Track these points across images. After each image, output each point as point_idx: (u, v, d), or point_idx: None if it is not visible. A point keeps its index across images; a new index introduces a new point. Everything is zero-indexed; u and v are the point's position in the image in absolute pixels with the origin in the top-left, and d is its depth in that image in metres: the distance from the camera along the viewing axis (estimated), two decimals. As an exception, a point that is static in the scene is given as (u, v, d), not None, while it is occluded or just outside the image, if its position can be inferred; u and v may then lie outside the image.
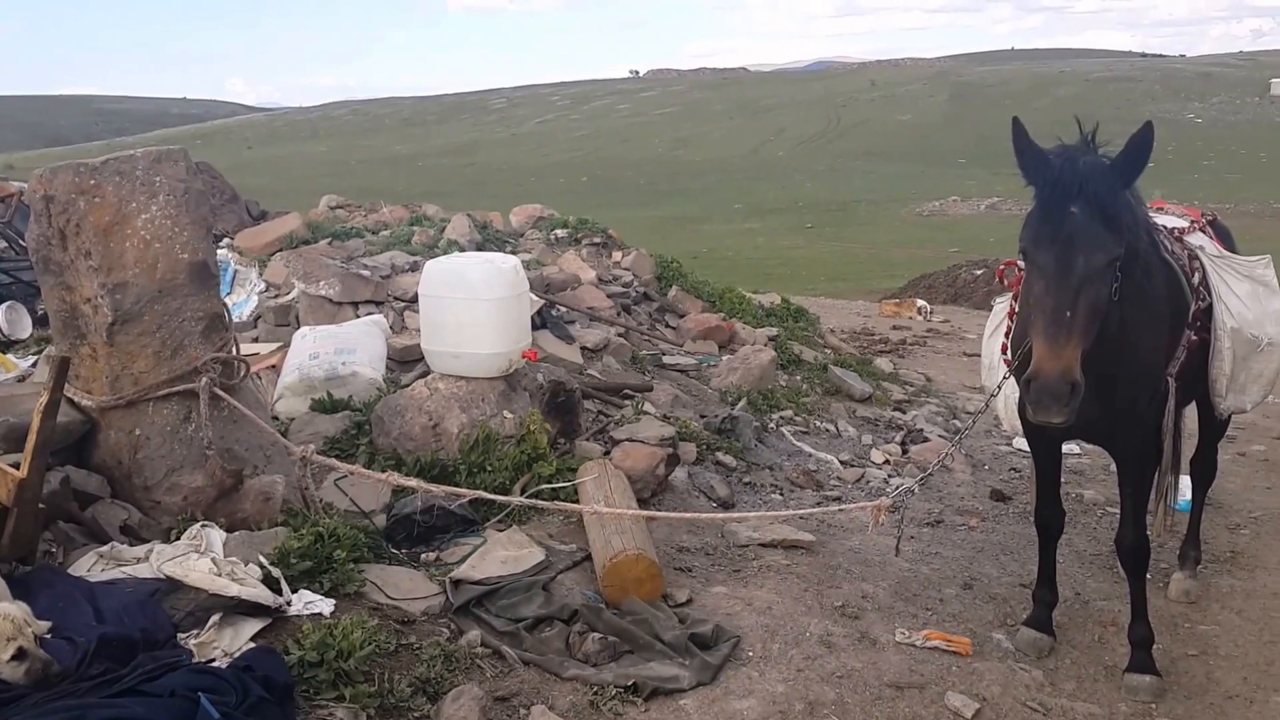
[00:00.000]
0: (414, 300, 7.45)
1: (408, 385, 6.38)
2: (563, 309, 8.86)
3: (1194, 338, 4.76)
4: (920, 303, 19.76)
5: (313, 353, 6.87)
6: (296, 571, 4.27)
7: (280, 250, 9.68)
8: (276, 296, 8.84)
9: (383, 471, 5.10)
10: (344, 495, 5.43)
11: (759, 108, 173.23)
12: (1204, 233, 5.34)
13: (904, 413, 9.55)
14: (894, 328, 16.54)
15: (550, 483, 5.59)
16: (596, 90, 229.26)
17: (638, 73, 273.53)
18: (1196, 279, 4.85)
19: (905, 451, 8.22)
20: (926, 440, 8.45)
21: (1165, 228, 4.92)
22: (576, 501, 5.39)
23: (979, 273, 26.55)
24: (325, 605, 4.16)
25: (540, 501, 4.94)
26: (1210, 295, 4.89)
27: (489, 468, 5.66)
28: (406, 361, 7.28)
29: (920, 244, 60.62)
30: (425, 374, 6.38)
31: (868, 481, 7.40)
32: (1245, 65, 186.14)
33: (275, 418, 6.30)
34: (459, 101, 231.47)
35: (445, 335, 5.94)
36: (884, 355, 12.86)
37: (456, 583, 4.73)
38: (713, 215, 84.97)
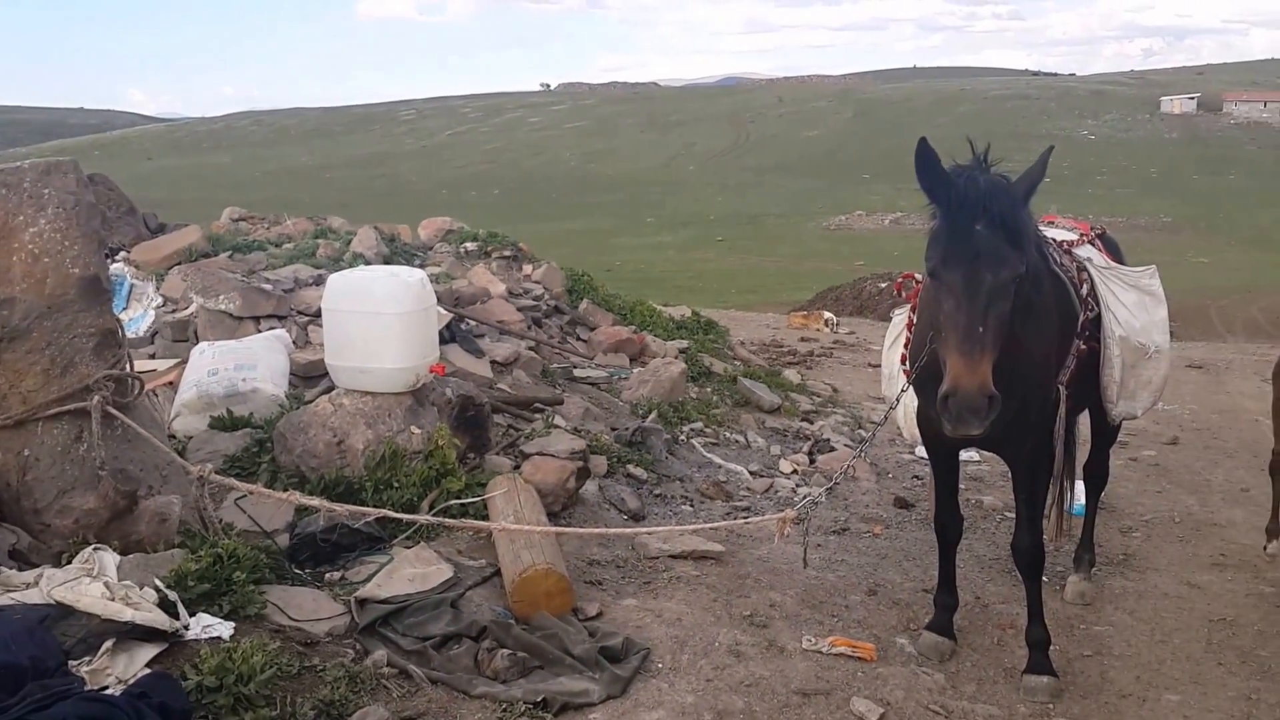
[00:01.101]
0: (318, 315, 7.33)
1: (311, 401, 6.27)
2: (472, 323, 8.80)
3: (1084, 346, 4.93)
4: (827, 315, 20.09)
5: (212, 369, 6.72)
6: (194, 594, 4.16)
7: (179, 264, 9.45)
8: (174, 311, 8.63)
9: (285, 490, 5.01)
10: (245, 515, 5.30)
11: (669, 122, 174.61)
12: (1093, 245, 5.53)
13: (811, 423, 9.69)
14: (802, 339, 16.76)
15: (459, 498, 5.54)
16: (508, 102, 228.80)
17: (549, 85, 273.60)
18: (1085, 290, 5.02)
19: (812, 461, 8.34)
20: (833, 450, 8.59)
21: (1054, 241, 5.09)
22: (486, 517, 5.35)
23: (884, 285, 27.15)
24: (225, 628, 4.06)
25: (448, 519, 4.90)
26: (1099, 305, 5.07)
27: (396, 485, 5.59)
28: (310, 377, 7.17)
29: (827, 257, 61.74)
30: (330, 390, 6.28)
31: (776, 491, 7.48)
32: (1136, 84, 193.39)
33: (172, 436, 6.15)
34: (367, 113, 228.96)
35: (350, 350, 5.86)
36: (792, 367, 13.02)
37: (362, 602, 4.66)
38: (625, 229, 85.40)
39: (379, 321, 5.71)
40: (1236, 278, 51.35)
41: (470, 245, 11.73)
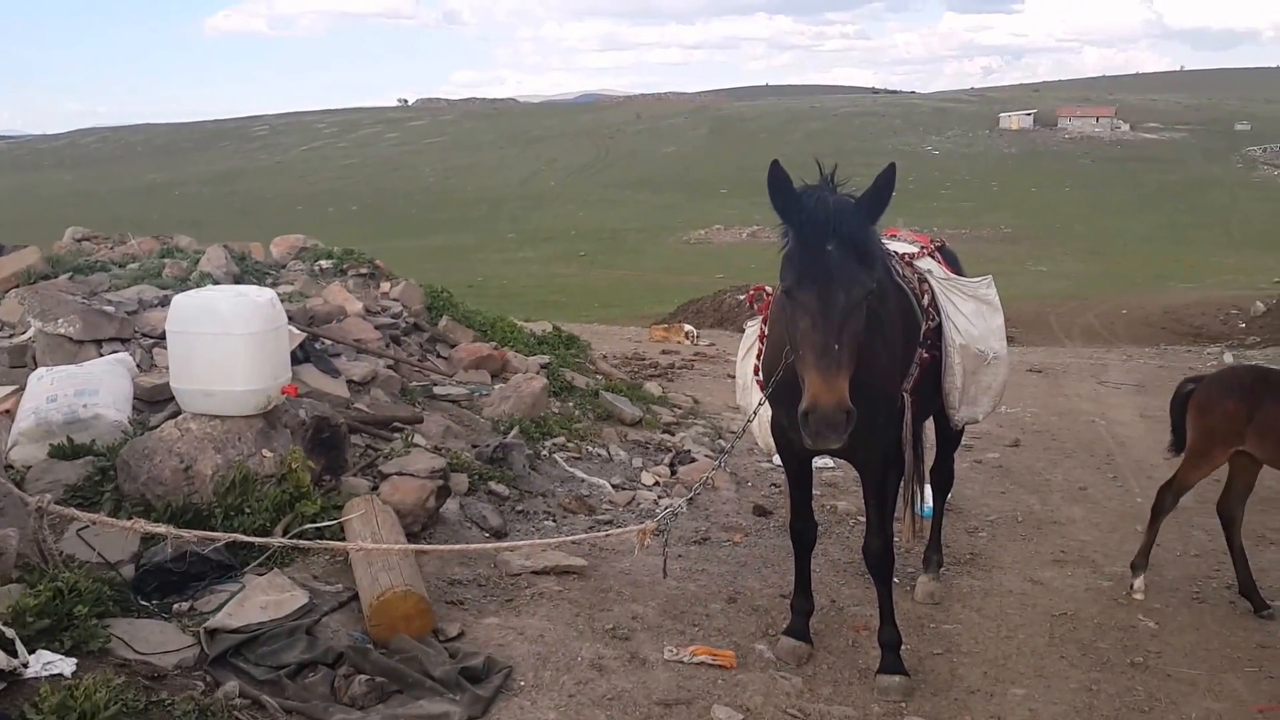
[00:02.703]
0: (163, 337, 7.05)
1: (157, 427, 6.05)
2: (328, 342, 8.61)
3: (926, 355, 5.13)
4: (688, 327, 20.35)
5: (50, 395, 6.40)
6: (33, 630, 3.98)
7: (16, 287, 8.98)
8: (11, 336, 8.19)
9: (129, 519, 4.81)
10: (87, 546, 5.08)
11: (529, 138, 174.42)
12: (933, 257, 5.76)
13: (673, 435, 9.80)
14: (663, 352, 16.93)
15: (314, 522, 5.42)
16: (364, 118, 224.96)
17: (406, 101, 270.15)
18: (926, 300, 5.23)
19: (674, 472, 8.43)
20: (694, 460, 8.70)
21: (897, 253, 5.28)
22: (343, 540, 5.24)
23: (742, 297, 27.56)
24: (66, 665, 3.89)
25: (301, 541, 4.78)
26: (940, 315, 5.29)
27: (247, 510, 5.44)
28: (156, 401, 6.89)
29: (688, 271, 62.56)
30: (176, 414, 6.06)
31: (638, 503, 7.53)
32: (976, 101, 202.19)
33: (10, 466, 5.86)
34: (218, 128, 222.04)
35: (196, 373, 5.67)
36: (654, 379, 13.13)
37: (212, 632, 4.51)
38: (486, 244, 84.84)
39: (226, 343, 5.54)
40: (1073, 285, 54.07)
41: (325, 263, 11.47)
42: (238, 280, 9.91)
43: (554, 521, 6.90)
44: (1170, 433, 6.52)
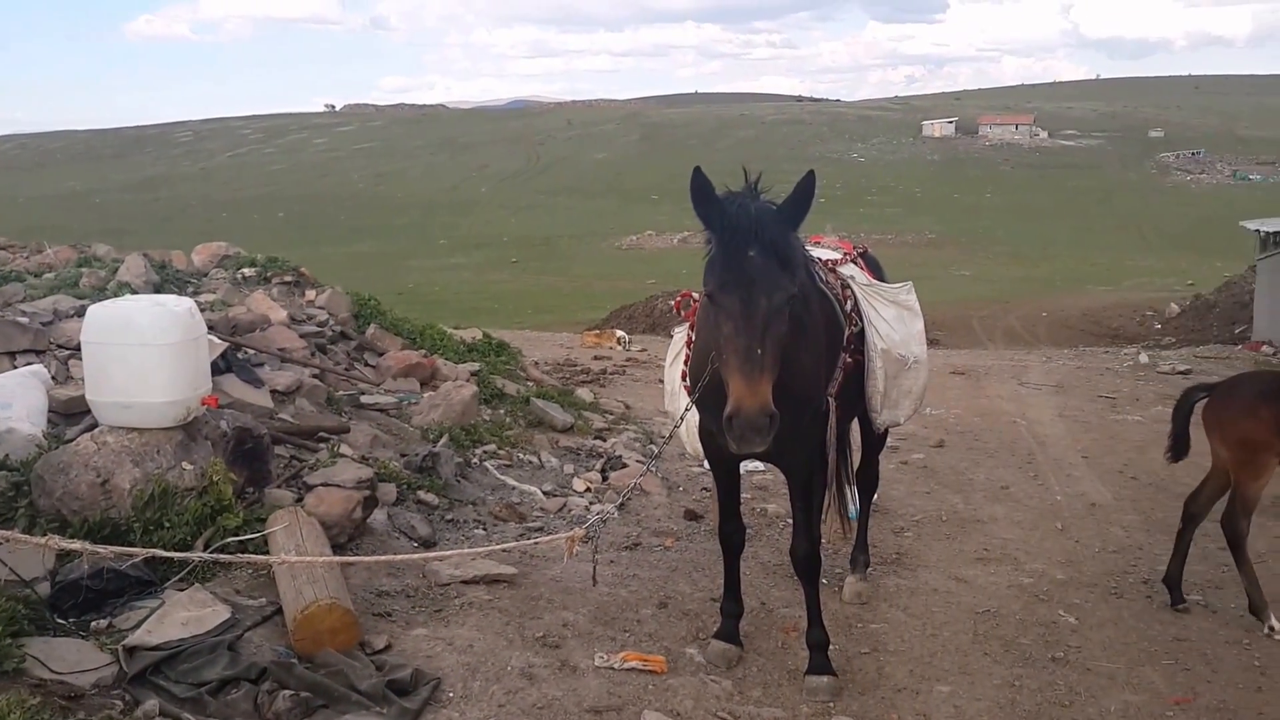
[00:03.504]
0: (79, 348, 6.89)
1: (72, 440, 5.88)
2: (251, 351, 8.46)
3: (849, 360, 5.20)
4: (619, 333, 20.40)
5: (-39, 409, 6.21)
6: (-58, 652, 3.85)
7: (-76, 298, 8.70)
8: (-82, 349, 7.92)
9: (44, 535, 4.68)
10: (1, 564, 4.92)
11: (459, 144, 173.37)
12: (856, 264, 5.85)
13: (604, 440, 9.80)
14: (595, 358, 16.96)
15: (237, 535, 5.32)
16: (291, 124, 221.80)
17: (334, 107, 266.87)
18: (849, 306, 5.30)
19: (605, 478, 8.44)
20: (625, 466, 8.71)
21: (820, 259, 5.34)
22: (267, 554, 5.15)
23: (673, 302, 27.69)
24: (-22, 687, 3.77)
25: (223, 555, 4.68)
26: (862, 320, 5.36)
27: (167, 524, 5.32)
28: (72, 414, 6.71)
29: (620, 276, 62.66)
30: (93, 427, 5.91)
31: (570, 510, 7.52)
32: (900, 109, 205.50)
33: (-85, 484, 5.65)
34: (140, 134, 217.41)
35: (113, 384, 5.53)
36: (586, 385, 13.14)
37: (131, 650, 4.41)
38: (417, 251, 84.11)
39: (144, 354, 5.41)
40: (995, 289, 55.14)
41: (248, 271, 11.28)
42: (157, 289, 9.70)
43: (484, 530, 6.87)
44: (1170, 440, 6.42)
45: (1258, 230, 29.87)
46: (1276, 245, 27.09)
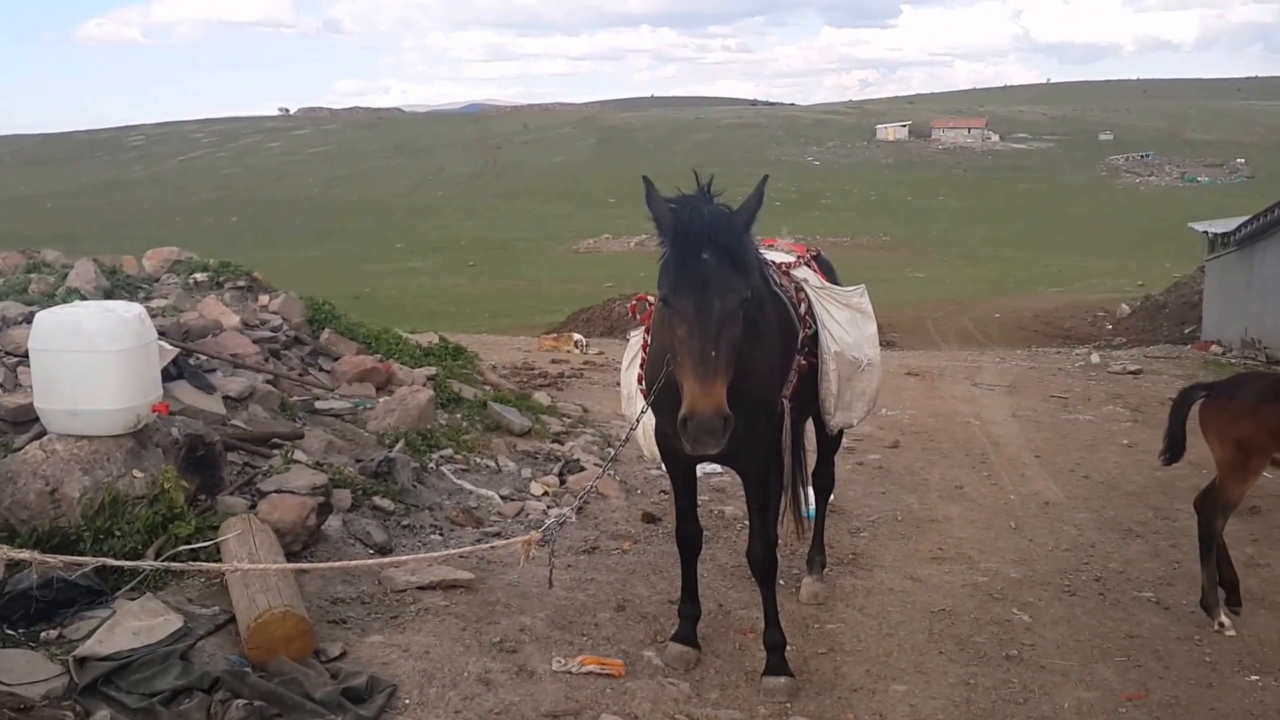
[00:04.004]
0: (27, 355, 6.77)
1: (21, 449, 5.79)
2: (203, 357, 8.36)
3: (803, 362, 5.24)
4: (577, 336, 20.37)
5: (-97, 418, 6.08)
6: (-114, 666, 3.77)
7: None
8: None
9: (-10, 546, 4.60)
10: (-56, 577, 4.83)
11: (416, 148, 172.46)
12: (809, 267, 5.89)
13: (562, 444, 9.78)
14: (553, 361, 16.93)
15: (189, 543, 5.26)
16: (244, 127, 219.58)
17: (288, 110, 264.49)
18: (803, 308, 5.34)
19: (563, 482, 8.43)
20: (583, 470, 8.71)
21: (774, 263, 5.37)
22: (220, 562, 5.09)
23: (629, 306, 27.72)
24: (-78, 701, 3.70)
25: (174, 564, 4.63)
26: (816, 323, 5.40)
27: (118, 533, 5.24)
28: (20, 422, 6.58)
29: (578, 280, 62.64)
30: (42, 435, 5.81)
31: (527, 514, 7.51)
32: (854, 113, 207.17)
33: None
34: (92, 139, 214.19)
35: (61, 392, 5.44)
36: (543, 389, 13.11)
37: (82, 660, 4.35)
38: (374, 255, 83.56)
39: (93, 360, 5.34)
40: (948, 290, 55.70)
41: (201, 276, 11.15)
42: (108, 295, 9.57)
43: (441, 535, 6.83)
44: (1166, 441, 6.33)
45: (1206, 231, 30.46)
46: (1224, 246, 27.63)
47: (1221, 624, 5.96)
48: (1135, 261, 68.94)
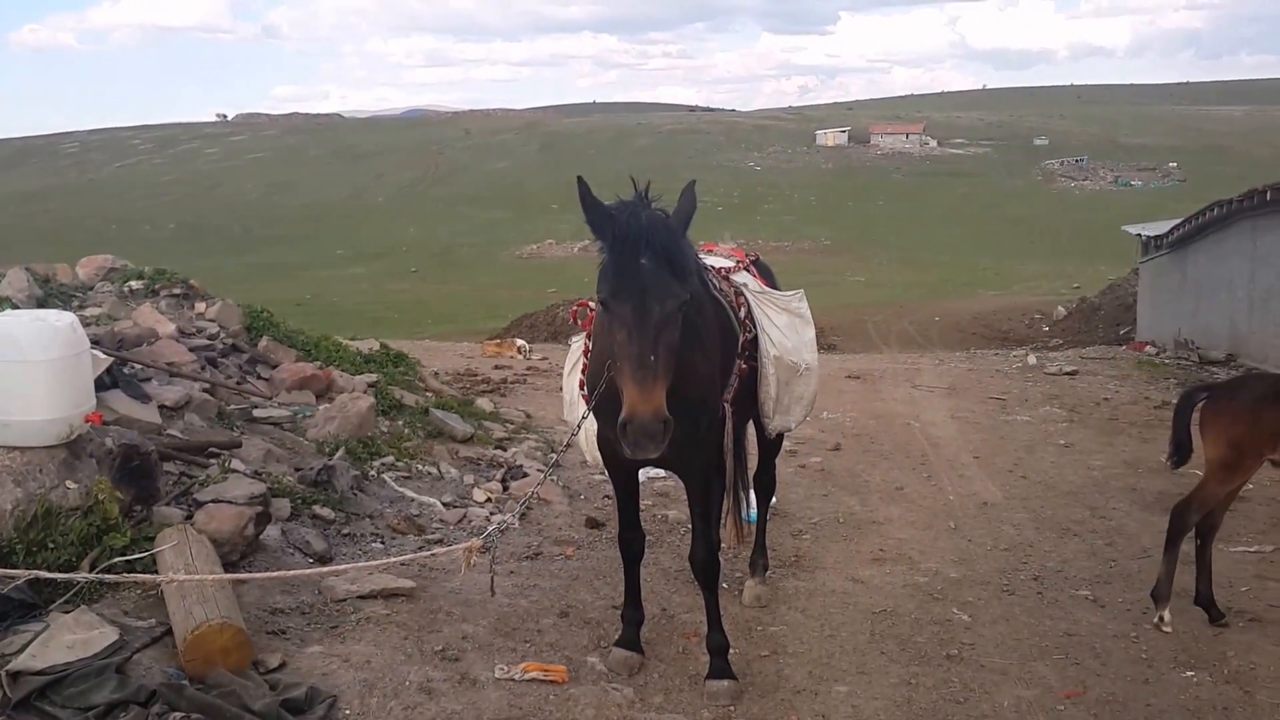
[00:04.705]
0: (-46, 365, 6.61)
1: (-53, 461, 5.65)
2: (137, 366, 8.21)
3: (744, 366, 5.27)
4: (520, 342, 20.33)
5: None
6: None
7: None
8: None
9: (-84, 561, 4.49)
10: None
11: (356, 153, 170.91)
12: (748, 271, 5.93)
13: (505, 450, 9.75)
14: (496, 367, 16.88)
15: (124, 555, 5.16)
16: (182, 134, 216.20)
17: (226, 116, 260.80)
18: (743, 313, 5.37)
19: (506, 488, 8.39)
20: (526, 476, 8.68)
21: (713, 268, 5.41)
22: (156, 573, 5.00)
23: (570, 312, 27.73)
24: None
25: (109, 576, 4.54)
26: (755, 327, 5.44)
27: (51, 545, 5.13)
28: (-53, 434, 6.43)
29: (521, 285, 62.54)
30: (-31, 447, 5.67)
31: (470, 521, 7.47)
32: (794, 119, 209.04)
33: None
34: (26, 146, 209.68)
35: (-10, 403, 5.33)
36: (486, 395, 13.06)
37: (15, 675, 4.25)
38: (314, 261, 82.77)
39: (24, 370, 5.23)
40: (888, 294, 56.46)
41: (136, 284, 10.95)
42: (41, 304, 9.35)
43: (382, 544, 6.77)
44: (1172, 446, 6.27)
45: (1139, 234, 31.19)
46: (1158, 249, 28.29)
47: (1161, 618, 6.01)
48: (1071, 264, 70.32)
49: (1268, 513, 8.31)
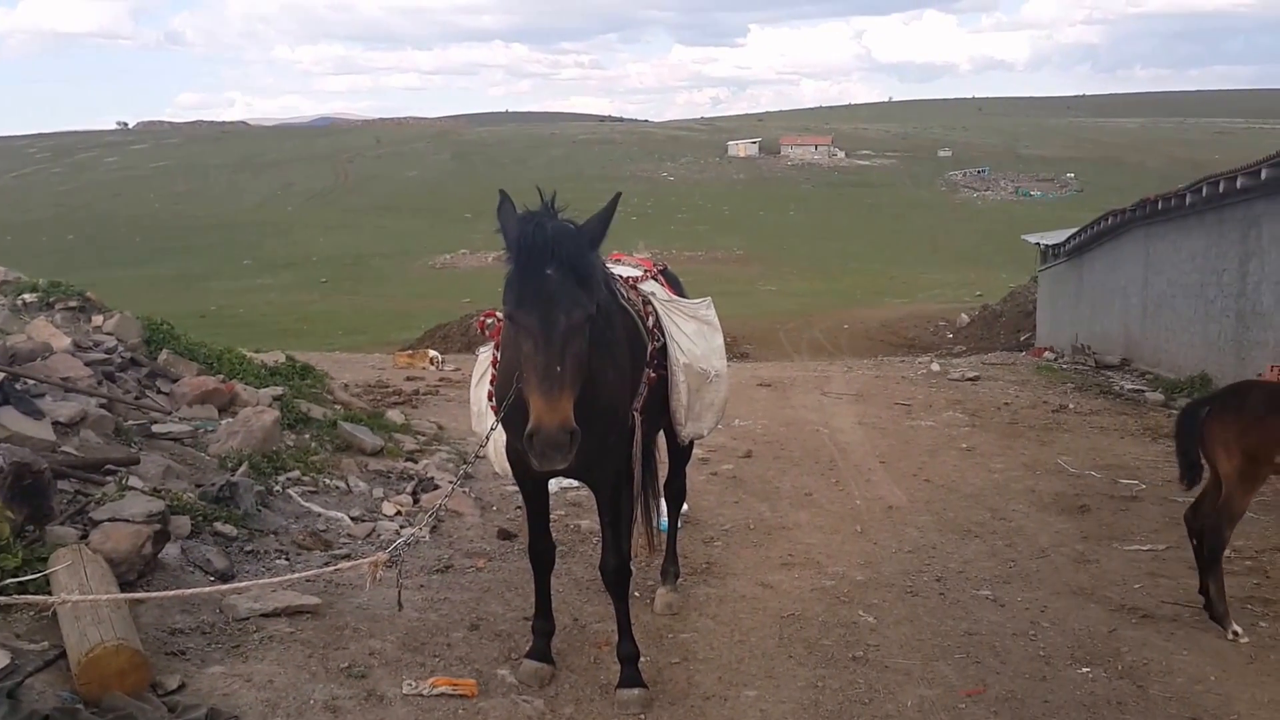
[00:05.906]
0: None
1: None
2: (30, 382, 7.95)
3: (653, 375, 5.29)
4: (432, 353, 20.17)
5: None
6: None
7: None
8: None
9: None
10: None
11: (263, 162, 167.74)
12: (656, 280, 5.96)
13: (416, 462, 9.64)
14: (408, 379, 16.70)
15: (16, 576, 4.99)
16: (80, 142, 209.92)
17: (127, 124, 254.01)
18: (651, 321, 5.40)
19: (417, 501, 8.30)
20: (438, 488, 8.59)
21: (621, 277, 5.43)
22: (49, 594, 4.84)
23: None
24: None
25: (0, 597, 4.39)
26: (664, 336, 5.47)
27: (-63, 569, 4.94)
28: None
29: (435, 296, 61.96)
30: None
31: (379, 535, 7.37)
32: (706, 129, 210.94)
33: None
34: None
35: None
36: (397, 407, 12.91)
37: (-105, 706, 4.07)
38: (220, 272, 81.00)
39: (-97, 386, 5.03)
40: (800, 303, 57.21)
41: (30, 296, 10.64)
42: (-75, 319, 9.02)
43: (287, 560, 6.64)
44: (1181, 466, 6.21)
45: (1038, 243, 32.14)
46: (1055, 257, 29.16)
47: (1236, 632, 5.89)
48: (974, 272, 72.06)
49: (1161, 512, 8.60)
